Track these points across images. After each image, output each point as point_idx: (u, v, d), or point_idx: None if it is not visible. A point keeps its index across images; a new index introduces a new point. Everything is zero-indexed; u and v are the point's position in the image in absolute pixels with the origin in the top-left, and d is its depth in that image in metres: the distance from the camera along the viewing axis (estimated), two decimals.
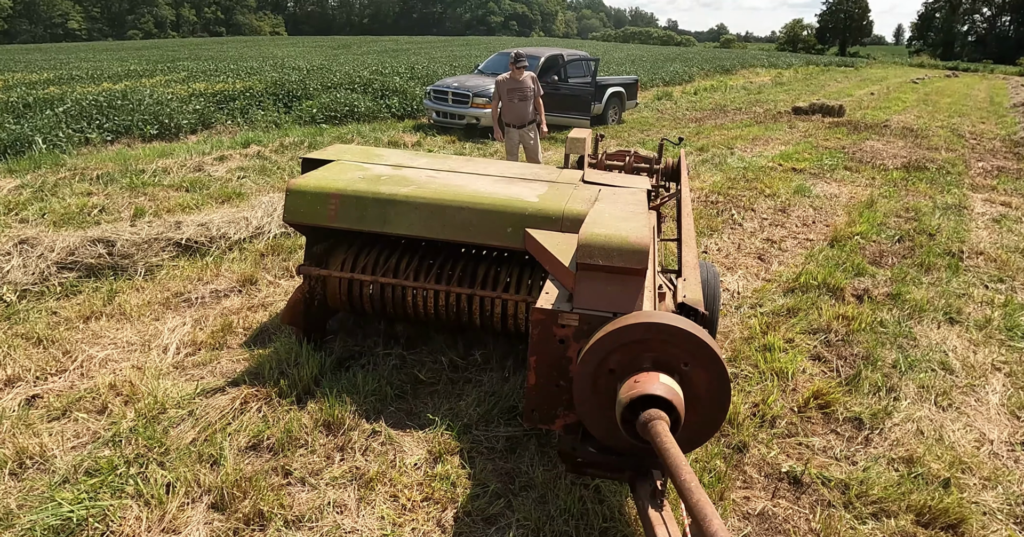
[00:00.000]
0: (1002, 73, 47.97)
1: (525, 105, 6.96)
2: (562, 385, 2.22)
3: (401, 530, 2.34)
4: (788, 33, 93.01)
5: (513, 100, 6.93)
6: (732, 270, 5.12)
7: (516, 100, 6.93)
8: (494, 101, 7.24)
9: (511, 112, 7.00)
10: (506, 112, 7.04)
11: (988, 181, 8.82)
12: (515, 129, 7.08)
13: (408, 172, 3.43)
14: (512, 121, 7.04)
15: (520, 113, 6.98)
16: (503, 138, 7.30)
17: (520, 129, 7.08)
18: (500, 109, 7.17)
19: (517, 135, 7.13)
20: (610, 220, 2.36)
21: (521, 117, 7.00)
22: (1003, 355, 3.90)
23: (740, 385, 3.39)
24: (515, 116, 7.01)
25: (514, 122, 7.04)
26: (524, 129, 7.09)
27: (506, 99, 6.97)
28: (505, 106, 7.02)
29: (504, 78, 6.95)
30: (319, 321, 3.57)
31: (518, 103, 6.94)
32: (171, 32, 79.93)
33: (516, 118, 7.01)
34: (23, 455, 2.58)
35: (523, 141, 7.18)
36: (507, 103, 6.98)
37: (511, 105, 6.96)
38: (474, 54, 29.61)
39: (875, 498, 2.61)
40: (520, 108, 6.96)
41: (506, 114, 7.06)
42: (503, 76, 6.97)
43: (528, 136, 7.13)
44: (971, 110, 18.75)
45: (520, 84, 6.89)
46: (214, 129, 10.67)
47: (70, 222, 5.34)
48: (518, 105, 6.95)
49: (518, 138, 7.15)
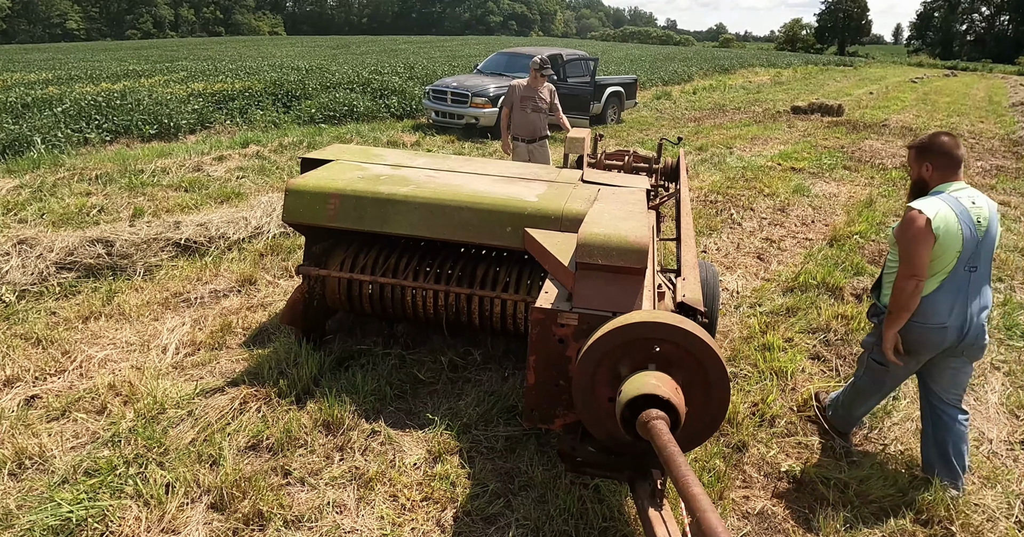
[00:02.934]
0: (1001, 72, 48.01)
1: (538, 117, 6.15)
2: (561, 385, 2.22)
3: (401, 530, 2.34)
4: (787, 33, 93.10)
5: (526, 110, 6.12)
6: (731, 269, 5.12)
7: (529, 110, 6.12)
8: (504, 108, 6.31)
9: (522, 123, 6.18)
10: (516, 122, 6.22)
11: (987, 180, 8.83)
12: (523, 143, 6.25)
13: (407, 172, 3.43)
14: (521, 134, 6.22)
15: (531, 126, 6.16)
16: (509, 150, 6.43)
17: (530, 144, 6.24)
18: (510, 118, 6.28)
19: (526, 151, 6.28)
20: (609, 220, 2.36)
21: (532, 130, 6.18)
22: (1002, 354, 3.90)
23: (739, 384, 3.40)
24: (526, 128, 6.19)
25: (523, 135, 6.22)
26: (534, 144, 6.25)
27: (518, 107, 6.16)
28: (516, 115, 6.20)
29: (520, 84, 6.17)
30: (318, 321, 3.57)
31: (530, 114, 6.13)
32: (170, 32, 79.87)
33: (526, 131, 6.20)
34: (22, 455, 2.58)
35: (533, 158, 6.26)
36: (518, 112, 6.17)
37: (522, 115, 6.15)
38: (473, 54, 29.61)
39: (874, 497, 2.61)
40: (532, 120, 6.15)
41: (516, 125, 6.23)
42: (519, 81, 6.22)
43: (539, 152, 6.30)
44: (970, 109, 18.76)
45: (536, 93, 6.13)
46: (213, 129, 10.66)
47: (69, 222, 5.34)
48: (530, 116, 6.14)
49: (527, 154, 6.29)
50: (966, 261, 2.47)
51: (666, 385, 1.80)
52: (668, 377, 1.86)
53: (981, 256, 2.49)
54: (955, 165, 2.54)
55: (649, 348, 1.93)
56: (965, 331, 2.50)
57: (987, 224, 2.47)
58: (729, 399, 1.94)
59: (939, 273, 2.48)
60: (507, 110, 6.25)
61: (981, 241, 2.47)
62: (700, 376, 1.92)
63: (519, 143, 6.27)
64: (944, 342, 2.52)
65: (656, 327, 1.90)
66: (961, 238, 2.43)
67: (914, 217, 2.42)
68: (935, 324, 2.50)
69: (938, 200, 2.47)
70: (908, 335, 2.55)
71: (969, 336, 2.51)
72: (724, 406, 1.95)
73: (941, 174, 2.55)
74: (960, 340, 2.52)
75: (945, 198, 2.47)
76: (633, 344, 1.93)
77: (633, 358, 1.95)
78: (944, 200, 2.46)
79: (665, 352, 1.92)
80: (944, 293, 2.49)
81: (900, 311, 2.50)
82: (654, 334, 1.90)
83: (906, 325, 2.53)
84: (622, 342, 1.93)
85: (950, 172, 2.54)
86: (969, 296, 2.50)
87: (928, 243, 2.41)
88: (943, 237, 2.40)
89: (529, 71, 6.22)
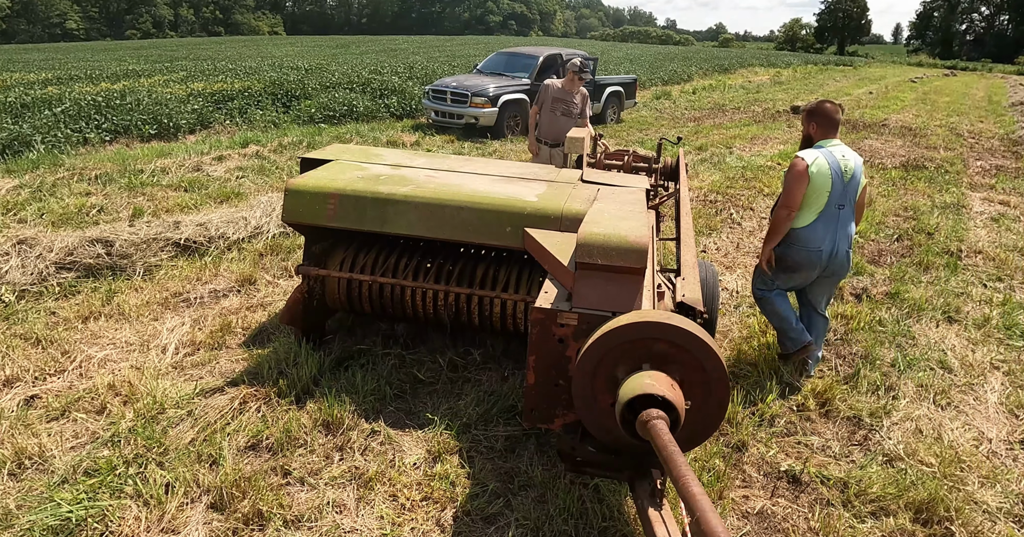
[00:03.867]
0: (1000, 72, 48.01)
1: (568, 122, 5.78)
2: (561, 384, 2.22)
3: (400, 530, 2.34)
4: (787, 32, 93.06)
5: (556, 112, 5.84)
6: (731, 269, 5.12)
7: (559, 114, 5.83)
8: (535, 107, 6.00)
9: (551, 126, 5.88)
10: (544, 124, 5.93)
11: (987, 180, 8.83)
12: (547, 146, 5.98)
13: (407, 172, 3.43)
14: (548, 137, 5.92)
15: (560, 130, 5.76)
16: (537, 153, 6.10)
17: (553, 148, 5.94)
18: (538, 119, 6.00)
19: (548, 155, 5.98)
20: (609, 219, 2.36)
21: (559, 134, 5.75)
22: (1001, 354, 3.90)
23: (739, 384, 3.40)
24: (553, 132, 5.86)
25: (550, 139, 5.91)
26: (557, 148, 5.90)
27: (548, 108, 5.86)
28: (544, 116, 5.90)
29: (555, 85, 5.88)
30: (318, 321, 3.57)
31: (560, 117, 5.83)
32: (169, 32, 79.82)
33: (554, 135, 5.86)
34: (22, 455, 2.58)
35: (553, 163, 5.87)
36: (547, 113, 5.88)
37: (552, 118, 5.86)
38: (473, 54, 29.60)
39: (874, 496, 2.61)
40: (561, 124, 5.80)
41: (544, 127, 5.94)
42: (554, 82, 5.93)
43: (559, 158, 5.92)
44: (969, 109, 18.77)
45: (571, 97, 5.84)
46: (212, 129, 10.66)
47: (68, 222, 5.34)
48: (560, 120, 5.83)
49: (548, 159, 5.96)
50: (836, 201, 3.20)
51: (665, 385, 1.80)
52: (667, 377, 1.86)
53: (848, 198, 3.23)
54: (834, 126, 3.29)
55: (649, 348, 1.93)
56: (834, 254, 3.25)
57: (852, 173, 3.21)
58: (729, 399, 1.94)
59: (816, 208, 3.21)
60: (536, 109, 5.97)
61: (847, 185, 3.20)
62: (700, 376, 1.92)
63: (543, 146, 6.01)
64: (820, 262, 3.26)
65: (656, 327, 1.89)
66: (831, 182, 3.16)
67: (797, 163, 3.17)
68: (813, 248, 3.24)
69: (817, 151, 3.21)
70: (796, 257, 3.28)
71: (837, 258, 3.26)
72: (724, 406, 1.95)
73: (823, 131, 3.29)
74: (830, 261, 3.26)
75: (823, 151, 3.21)
76: (633, 344, 1.93)
77: (633, 358, 1.95)
78: (822, 152, 3.20)
79: (665, 352, 1.92)
80: (820, 224, 3.22)
81: (774, 234, 3.29)
82: (654, 334, 1.90)
83: (794, 249, 3.27)
84: (622, 342, 1.93)
85: (830, 131, 3.28)
86: (838, 228, 3.24)
87: (803, 183, 3.15)
88: (815, 179, 3.14)
89: (566, 73, 5.94)
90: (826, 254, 3.22)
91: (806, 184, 3.13)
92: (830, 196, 3.16)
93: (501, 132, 10.79)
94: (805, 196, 3.16)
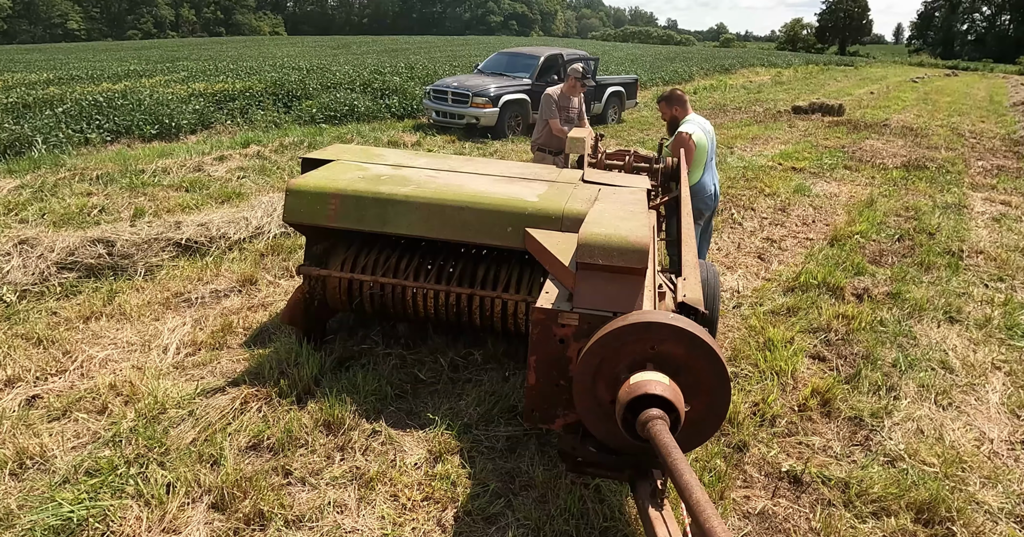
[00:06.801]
0: (1002, 72, 47.97)
1: (570, 128, 5.65)
2: (562, 385, 2.22)
3: (401, 530, 2.34)
4: (788, 32, 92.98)
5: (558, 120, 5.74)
6: (732, 269, 5.12)
7: (561, 121, 5.73)
8: (552, 119, 5.75)
9: (553, 134, 5.73)
10: (547, 133, 5.78)
11: (988, 180, 8.82)
12: (551, 155, 5.81)
13: (408, 172, 3.43)
14: (552, 146, 5.77)
15: (563, 138, 5.48)
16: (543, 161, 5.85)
17: (557, 156, 5.79)
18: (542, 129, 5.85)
19: (552, 163, 5.72)
20: (610, 219, 2.36)
21: (562, 143, 5.50)
22: (1003, 354, 3.90)
23: (740, 384, 3.40)
24: (556, 140, 5.69)
25: (554, 147, 5.77)
26: (561, 156, 5.77)
27: (550, 117, 5.75)
28: (546, 125, 5.78)
29: (557, 93, 5.77)
30: (319, 321, 3.57)
31: (563, 125, 5.73)
32: (170, 32, 79.89)
33: (556, 143, 5.70)
34: (23, 455, 2.58)
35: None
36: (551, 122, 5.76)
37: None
38: (474, 54, 29.60)
39: (875, 497, 2.61)
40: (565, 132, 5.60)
41: (546, 135, 5.79)
42: (554, 90, 5.81)
43: (562, 165, 5.67)
44: (971, 109, 18.75)
45: (571, 103, 5.76)
46: (214, 129, 10.67)
47: (70, 222, 5.34)
48: (563, 128, 5.70)
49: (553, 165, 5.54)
50: (711, 157, 4.34)
51: (666, 385, 1.80)
52: (668, 377, 1.86)
53: (713, 152, 4.40)
54: (688, 105, 4.45)
55: (650, 349, 1.92)
56: (716, 195, 4.46)
57: (712, 134, 4.39)
58: (730, 399, 1.94)
59: (703, 164, 4.26)
60: (556, 120, 5.70)
61: (712, 143, 4.36)
62: (701, 376, 1.92)
63: (546, 155, 5.84)
64: (712, 204, 4.43)
65: (657, 328, 1.89)
66: (708, 143, 4.26)
67: (687, 138, 4.16)
68: (708, 194, 4.33)
69: (694, 125, 4.25)
70: (698, 205, 4.17)
71: (717, 198, 4.48)
72: (725, 406, 1.94)
73: (683, 110, 4.41)
74: (715, 201, 4.47)
75: (696, 121, 4.29)
76: (634, 345, 1.93)
77: (634, 359, 1.95)
78: (697, 123, 4.27)
79: (665, 352, 1.92)
80: (707, 176, 4.32)
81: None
82: (655, 335, 1.90)
83: (700, 198, 4.24)
84: (623, 343, 1.93)
85: (687, 109, 4.42)
86: (714, 176, 4.42)
87: (693, 151, 4.16)
88: (700, 144, 4.20)
89: (567, 77, 5.87)
90: (715, 198, 4.40)
91: (695, 150, 4.16)
92: (708, 154, 4.26)
93: (502, 132, 10.79)
94: (695, 158, 4.15)
